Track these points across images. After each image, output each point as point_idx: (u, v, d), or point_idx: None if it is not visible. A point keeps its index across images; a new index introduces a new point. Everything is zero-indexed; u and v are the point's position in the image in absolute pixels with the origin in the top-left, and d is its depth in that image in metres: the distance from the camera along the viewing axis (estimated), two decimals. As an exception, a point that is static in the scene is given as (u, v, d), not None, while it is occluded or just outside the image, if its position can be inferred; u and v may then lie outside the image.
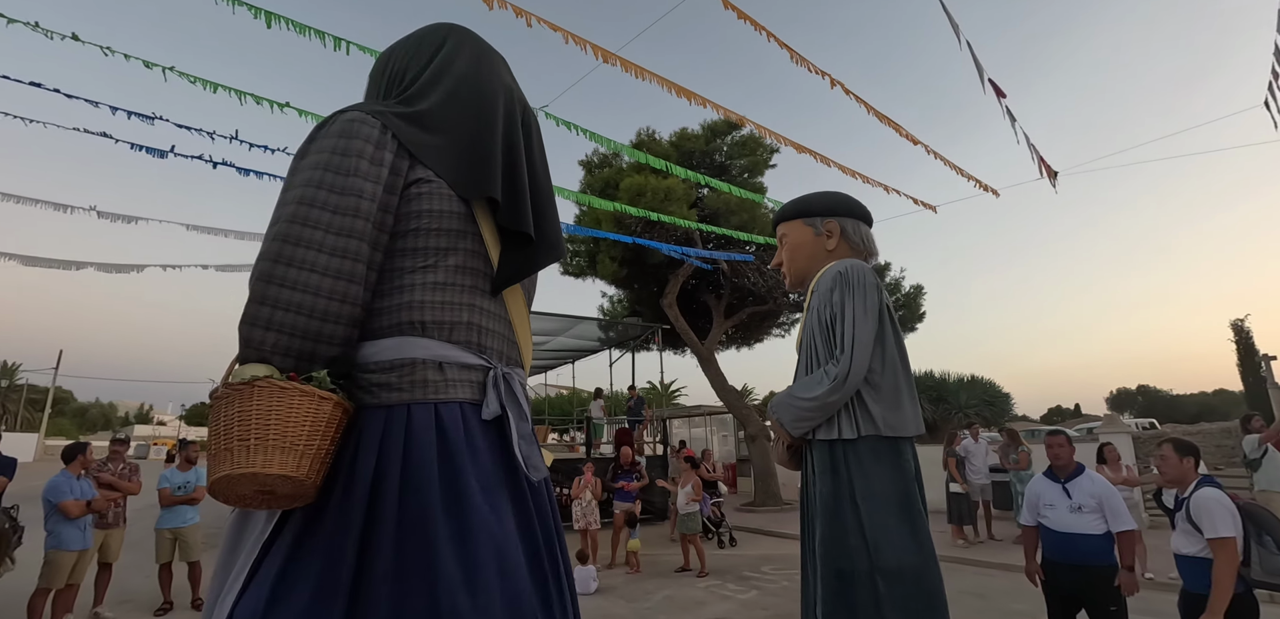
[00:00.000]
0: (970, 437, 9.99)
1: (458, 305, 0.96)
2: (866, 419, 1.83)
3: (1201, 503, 2.88)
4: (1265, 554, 2.73)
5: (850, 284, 1.92)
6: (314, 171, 0.86)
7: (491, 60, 1.15)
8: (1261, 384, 20.03)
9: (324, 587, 0.77)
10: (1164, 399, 50.87)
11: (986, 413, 19.59)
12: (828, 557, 1.79)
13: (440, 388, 0.91)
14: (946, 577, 1.88)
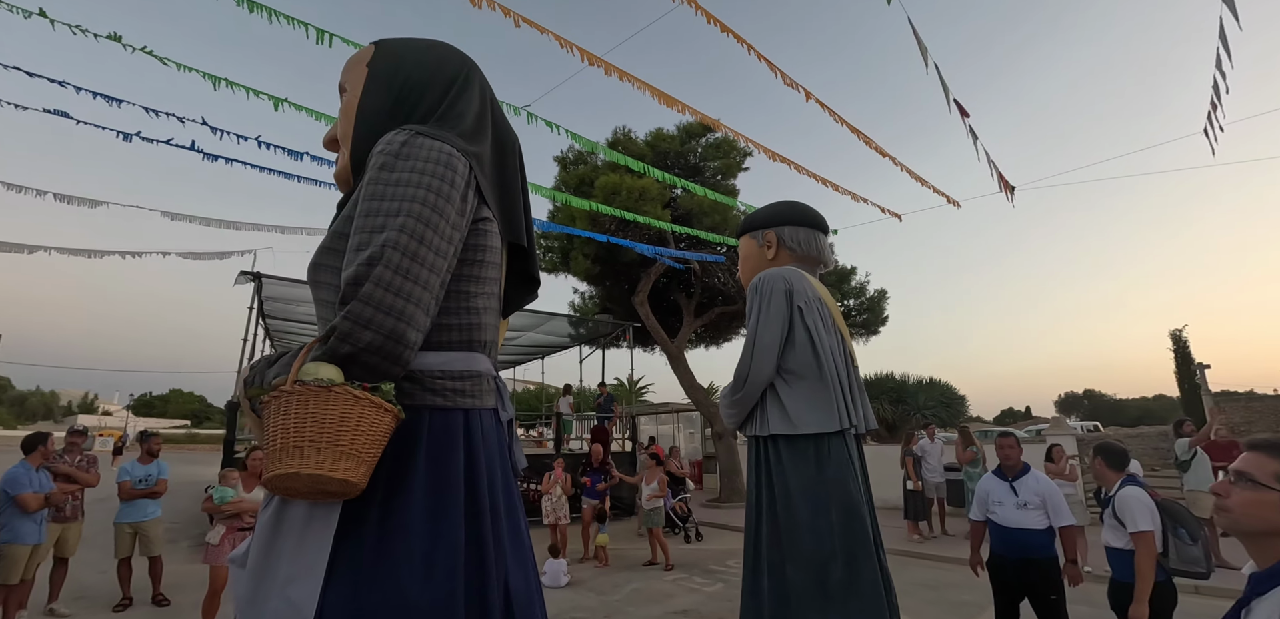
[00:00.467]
0: (927, 437, 10.40)
1: (491, 326, 1.12)
2: (781, 417, 1.96)
3: (1123, 500, 3.19)
4: (1180, 545, 3.05)
5: (758, 292, 2.09)
6: (423, 196, 0.93)
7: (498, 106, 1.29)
8: (1196, 390, 21.24)
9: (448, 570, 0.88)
10: (1108, 403, 53.46)
11: (943, 414, 20.32)
12: (749, 544, 1.96)
13: (488, 397, 1.08)
14: (901, 570, 2.08)
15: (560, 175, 15.18)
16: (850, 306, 17.59)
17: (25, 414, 58.62)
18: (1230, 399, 21.25)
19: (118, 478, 5.62)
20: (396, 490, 0.91)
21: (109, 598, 5.64)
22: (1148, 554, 3.04)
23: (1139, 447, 17.26)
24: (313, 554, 0.85)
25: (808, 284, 2.12)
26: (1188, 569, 3.06)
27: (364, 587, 0.85)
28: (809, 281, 2.14)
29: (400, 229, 0.90)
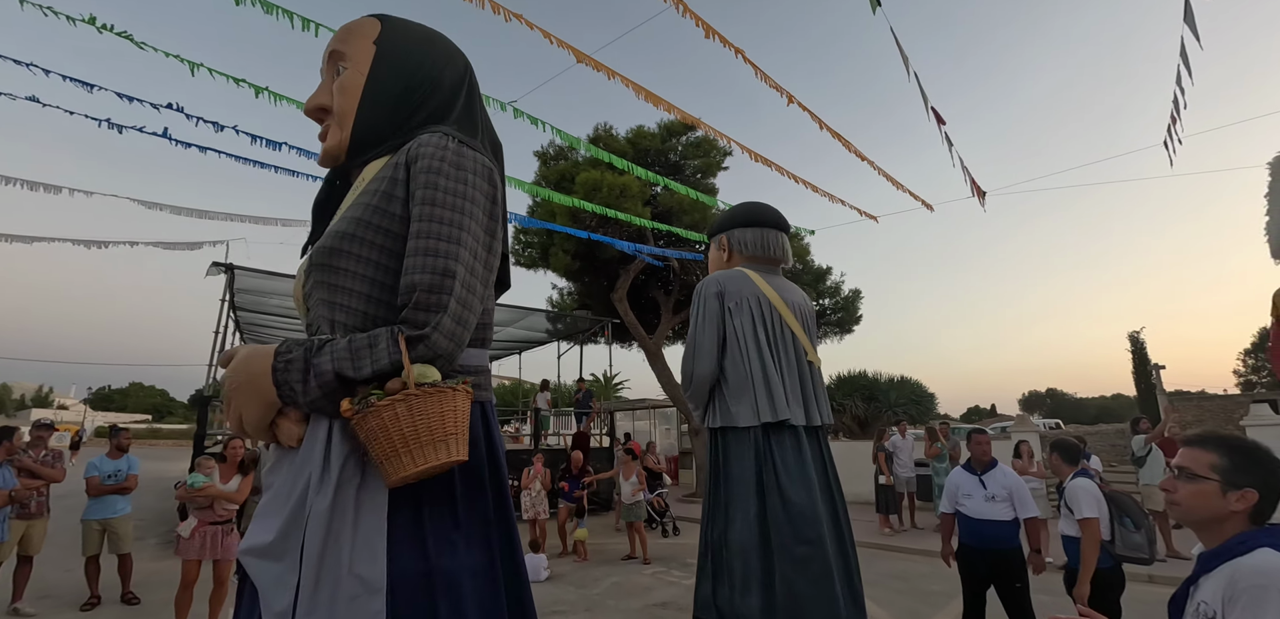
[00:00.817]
0: (898, 433, 10.68)
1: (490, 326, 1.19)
2: (722, 412, 2.15)
3: (1072, 490, 3.45)
4: (1125, 532, 3.30)
5: (696, 297, 2.26)
6: (480, 214, 1.05)
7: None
8: (1152, 390, 22.11)
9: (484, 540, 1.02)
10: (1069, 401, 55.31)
11: (914, 411, 20.81)
12: (702, 525, 2.17)
13: (490, 389, 1.17)
14: (873, 562, 2.26)
15: (541, 170, 15.13)
16: (825, 306, 17.89)
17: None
18: (1183, 399, 22.21)
19: (86, 473, 5.47)
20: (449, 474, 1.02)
21: (75, 597, 5.50)
22: (1091, 539, 3.29)
23: (1098, 443, 17.93)
24: (372, 535, 0.92)
25: (748, 284, 2.22)
26: (1131, 555, 3.31)
27: (423, 557, 0.95)
28: (751, 281, 2.23)
29: (470, 248, 1.01)
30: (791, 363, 2.17)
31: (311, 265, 1.04)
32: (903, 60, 3.90)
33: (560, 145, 14.69)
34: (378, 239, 1.02)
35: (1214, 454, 1.38)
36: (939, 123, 4.86)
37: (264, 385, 0.95)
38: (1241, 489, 1.32)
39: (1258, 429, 9.74)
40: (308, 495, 0.92)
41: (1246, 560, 1.25)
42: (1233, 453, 1.37)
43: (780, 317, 2.21)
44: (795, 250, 15.93)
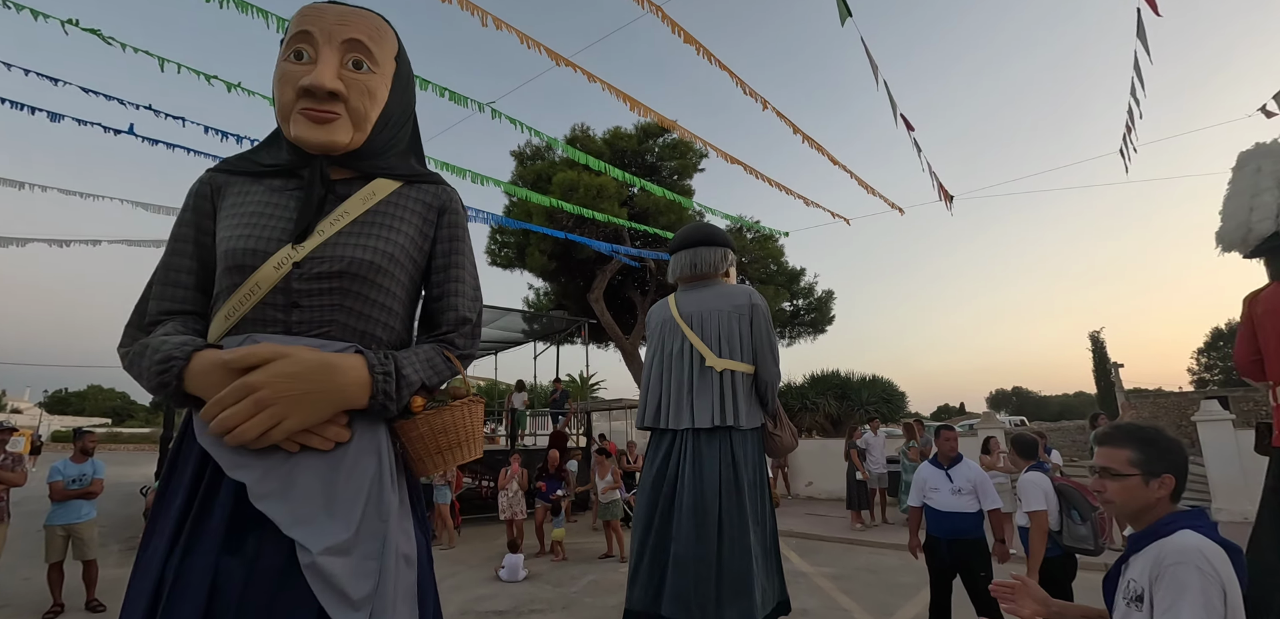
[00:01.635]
0: (871, 431, 10.92)
1: None
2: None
3: (1022, 484, 3.67)
4: (1071, 524, 3.50)
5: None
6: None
7: None
8: (1111, 388, 22.95)
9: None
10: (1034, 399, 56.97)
11: (884, 409, 21.20)
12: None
13: None
14: (845, 556, 2.49)
15: (517, 170, 15.09)
16: (799, 307, 18.15)
17: (-81, 412, 53.47)
18: (1141, 396, 23.13)
19: (49, 478, 5.31)
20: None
21: (37, 605, 5.32)
22: (1038, 530, 3.50)
23: (1060, 439, 18.56)
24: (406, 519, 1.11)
25: (661, 309, 2.68)
26: (1077, 546, 3.51)
27: (423, 536, 1.16)
28: (665, 306, 2.67)
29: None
30: (679, 374, 2.49)
31: (336, 273, 1.05)
32: (872, 69, 4.03)
33: (537, 145, 14.68)
34: (411, 270, 1.18)
35: (1129, 449, 1.47)
36: (908, 128, 5.02)
37: (351, 394, 0.99)
38: (1160, 476, 1.44)
39: (1208, 423, 10.20)
40: (379, 492, 1.02)
41: (1170, 541, 1.36)
42: (1146, 445, 1.47)
43: (680, 332, 2.54)
44: (769, 252, 16.15)
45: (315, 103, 1.08)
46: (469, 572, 7.05)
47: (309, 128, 1.08)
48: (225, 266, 1.06)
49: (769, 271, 16.92)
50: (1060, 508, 3.54)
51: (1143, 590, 1.35)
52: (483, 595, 6.04)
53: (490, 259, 16.10)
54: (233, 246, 1.05)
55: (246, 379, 0.93)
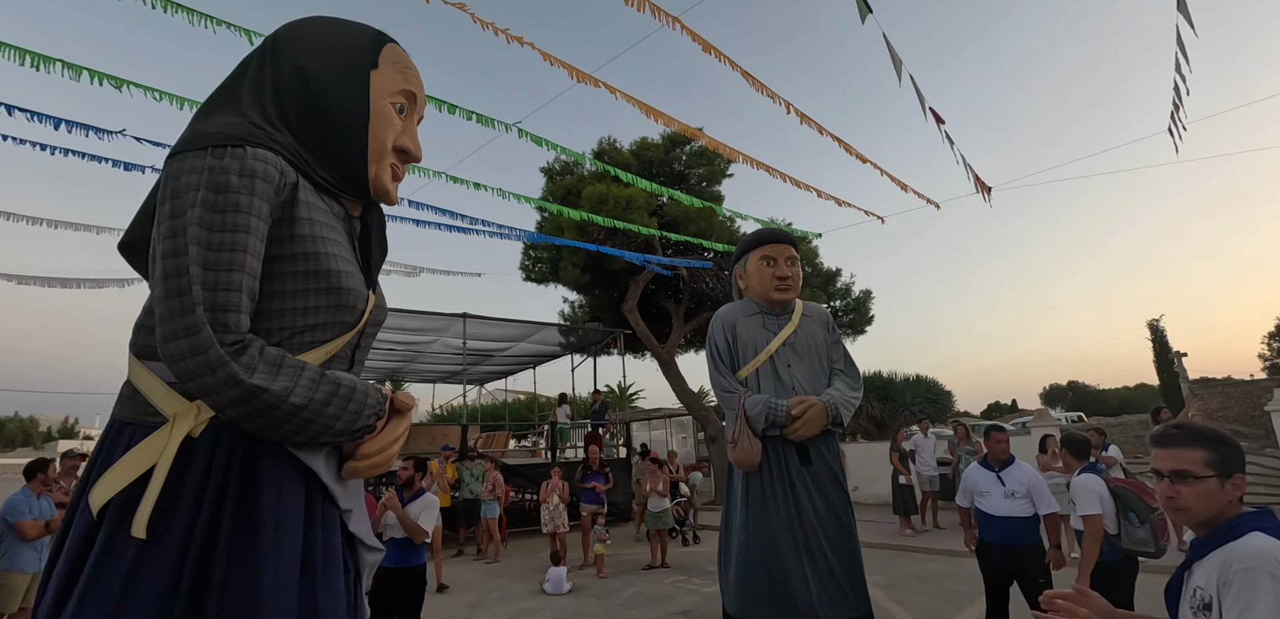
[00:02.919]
0: (920, 432, 10.61)
1: None
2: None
3: (1075, 487, 3.50)
4: (1129, 528, 3.32)
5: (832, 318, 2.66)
6: None
7: None
8: (1175, 379, 21.75)
9: None
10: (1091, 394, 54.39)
11: (930, 410, 20.62)
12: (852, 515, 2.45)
13: None
14: (893, 564, 2.54)
15: (547, 186, 15.30)
16: (836, 308, 17.84)
17: (4, 440, 57.35)
18: (1208, 386, 21.81)
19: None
20: None
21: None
22: (1092, 535, 3.34)
23: (1121, 435, 17.67)
24: None
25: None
26: (1136, 549, 3.32)
27: None
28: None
29: None
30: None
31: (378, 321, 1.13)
32: (894, 65, 3.96)
33: (566, 161, 14.85)
34: None
35: (1202, 449, 1.39)
36: (938, 122, 4.90)
37: None
38: (1233, 476, 1.36)
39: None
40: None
41: (1238, 545, 1.28)
42: (1218, 443, 1.39)
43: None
44: (803, 254, 15.94)
45: (401, 163, 1.11)
46: (514, 585, 7.13)
47: (392, 187, 1.11)
48: (335, 299, 0.98)
49: (804, 274, 16.69)
50: (1116, 510, 3.38)
51: (1211, 598, 1.28)
52: (527, 609, 6.10)
53: (524, 274, 16.34)
54: (347, 285, 1.00)
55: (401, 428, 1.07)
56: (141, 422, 0.90)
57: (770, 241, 2.58)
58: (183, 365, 0.83)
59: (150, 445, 0.86)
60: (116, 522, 0.83)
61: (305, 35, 1.07)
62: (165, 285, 0.84)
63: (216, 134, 0.92)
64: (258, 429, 0.88)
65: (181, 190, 0.87)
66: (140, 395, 0.91)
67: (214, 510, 0.86)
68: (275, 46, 1.06)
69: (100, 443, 0.92)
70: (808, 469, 2.38)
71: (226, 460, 0.88)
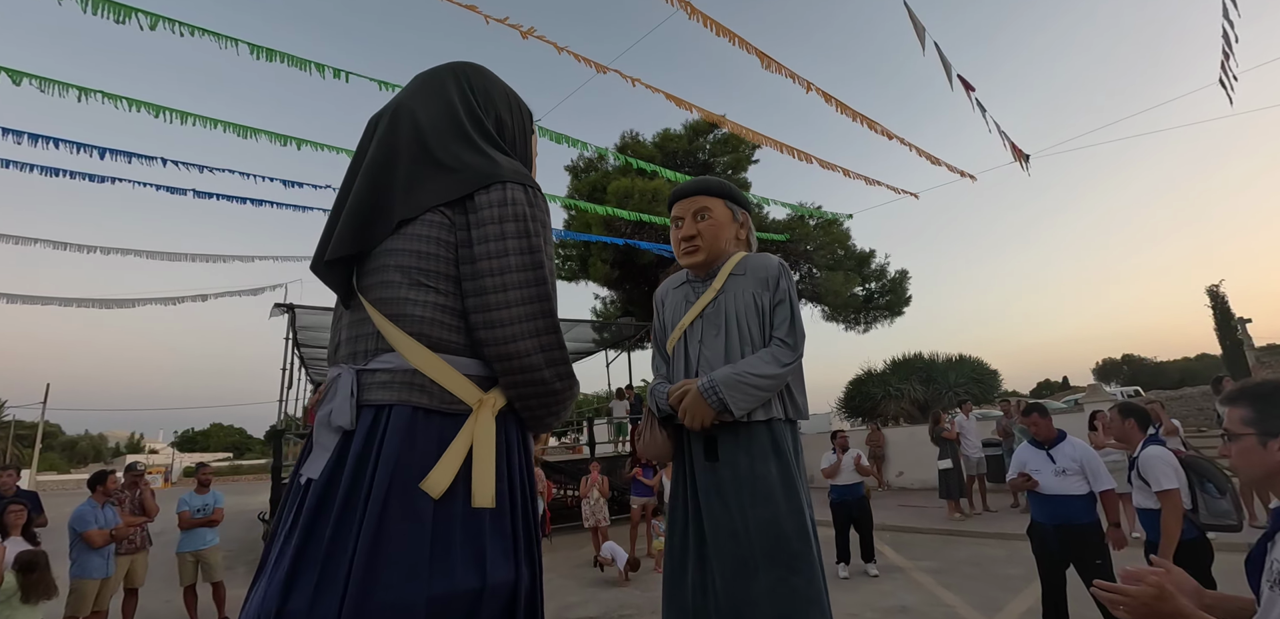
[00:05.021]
0: (962, 414, 10.29)
1: (332, 334, 1.18)
2: (793, 405, 1.91)
3: (1146, 461, 3.20)
4: (1208, 499, 3.05)
5: (787, 274, 2.01)
6: None
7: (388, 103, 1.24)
8: (1239, 346, 20.60)
9: None
10: (1148, 367, 51.91)
11: (975, 390, 19.99)
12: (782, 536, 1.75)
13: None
14: (944, 549, 2.12)
15: (572, 184, 15.38)
16: (872, 290, 17.45)
17: (76, 458, 60.88)
18: (1276, 353, 20.55)
19: (177, 509, 5.90)
20: None
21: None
22: (1174, 512, 3.05)
23: (1183, 408, 16.81)
24: None
25: None
26: (1218, 523, 3.06)
27: None
28: None
29: None
30: None
31: None
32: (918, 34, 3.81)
33: (589, 156, 14.89)
34: None
35: (1243, 408, 1.34)
36: (967, 89, 4.71)
37: None
38: (1278, 436, 1.26)
39: (1365, 378, 8.96)
40: None
41: None
42: (1260, 402, 1.32)
43: None
44: (835, 237, 15.64)
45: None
46: (560, 579, 7.20)
47: None
48: None
49: (836, 256, 16.36)
50: (1192, 483, 3.13)
51: None
52: (573, 603, 6.14)
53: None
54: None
55: None
56: (445, 409, 1.03)
57: (673, 201, 2.18)
58: (543, 369, 1.07)
59: (466, 431, 1.02)
60: (460, 498, 1.00)
61: (498, 90, 1.27)
62: (538, 307, 1.06)
63: (527, 175, 1.15)
64: (539, 415, 1.12)
65: (523, 218, 1.08)
66: (438, 386, 1.03)
67: (510, 473, 1.06)
68: (487, 95, 1.25)
69: (389, 429, 0.99)
70: (713, 467, 1.85)
71: (505, 437, 1.07)
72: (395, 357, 1.03)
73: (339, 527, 0.93)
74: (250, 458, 64.62)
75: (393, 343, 1.04)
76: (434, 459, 0.98)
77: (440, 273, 1.06)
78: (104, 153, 5.76)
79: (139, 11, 4.42)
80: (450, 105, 1.18)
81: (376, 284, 1.07)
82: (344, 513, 0.94)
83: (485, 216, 1.06)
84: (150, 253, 8.37)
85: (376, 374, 1.03)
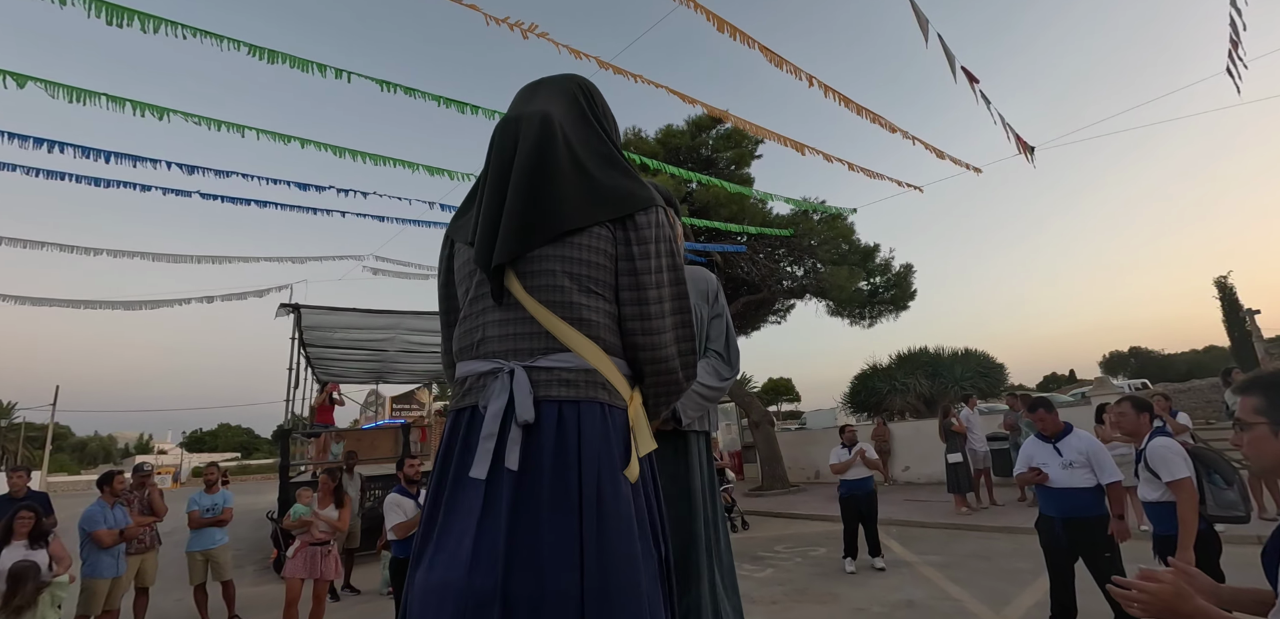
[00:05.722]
0: (967, 408, 10.27)
1: (471, 329, 1.21)
2: (712, 419, 1.98)
3: (1156, 451, 3.16)
4: (1216, 490, 3.02)
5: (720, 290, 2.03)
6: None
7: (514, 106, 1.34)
8: (1247, 338, 20.43)
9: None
10: (1156, 359, 51.53)
11: (981, 384, 19.90)
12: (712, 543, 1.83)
13: (458, 398, 1.19)
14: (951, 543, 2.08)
15: (577, 182, 15.36)
16: (877, 284, 17.38)
17: (86, 459, 61.30)
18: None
19: (187, 508, 5.95)
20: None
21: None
22: (1189, 502, 3.01)
23: (1190, 401, 16.70)
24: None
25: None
26: (1225, 513, 3.03)
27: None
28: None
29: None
30: None
31: None
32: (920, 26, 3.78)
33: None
34: None
35: (1255, 397, 1.33)
36: (971, 81, 4.68)
37: None
38: None
39: (1376, 368, 8.88)
40: None
41: None
42: (1272, 391, 1.31)
43: None
44: (839, 232, 15.58)
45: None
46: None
47: None
48: None
49: (840, 251, 16.31)
50: (1199, 474, 3.10)
51: None
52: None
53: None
54: None
55: None
56: (617, 405, 1.15)
57: None
58: (683, 372, 1.23)
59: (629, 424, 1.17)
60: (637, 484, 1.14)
61: (611, 112, 1.39)
62: (681, 316, 1.22)
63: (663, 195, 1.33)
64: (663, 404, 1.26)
65: (668, 238, 1.23)
66: (612, 385, 1.15)
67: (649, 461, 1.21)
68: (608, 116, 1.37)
69: (585, 424, 1.09)
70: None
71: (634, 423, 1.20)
72: (571, 356, 1.12)
73: (555, 514, 1.01)
74: (258, 458, 64.94)
75: (569, 344, 1.12)
76: (622, 449, 1.11)
77: (605, 282, 1.17)
78: (109, 156, 5.79)
79: (138, 13, 4.44)
80: (589, 124, 1.29)
81: (543, 287, 1.14)
82: (557, 501, 1.02)
83: (645, 237, 1.18)
84: (156, 255, 8.41)
85: (554, 372, 1.11)
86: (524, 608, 0.96)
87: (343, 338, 11.75)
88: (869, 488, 6.62)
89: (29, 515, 4.52)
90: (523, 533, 1.00)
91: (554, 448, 1.05)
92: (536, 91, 1.33)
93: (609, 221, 1.17)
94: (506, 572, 0.97)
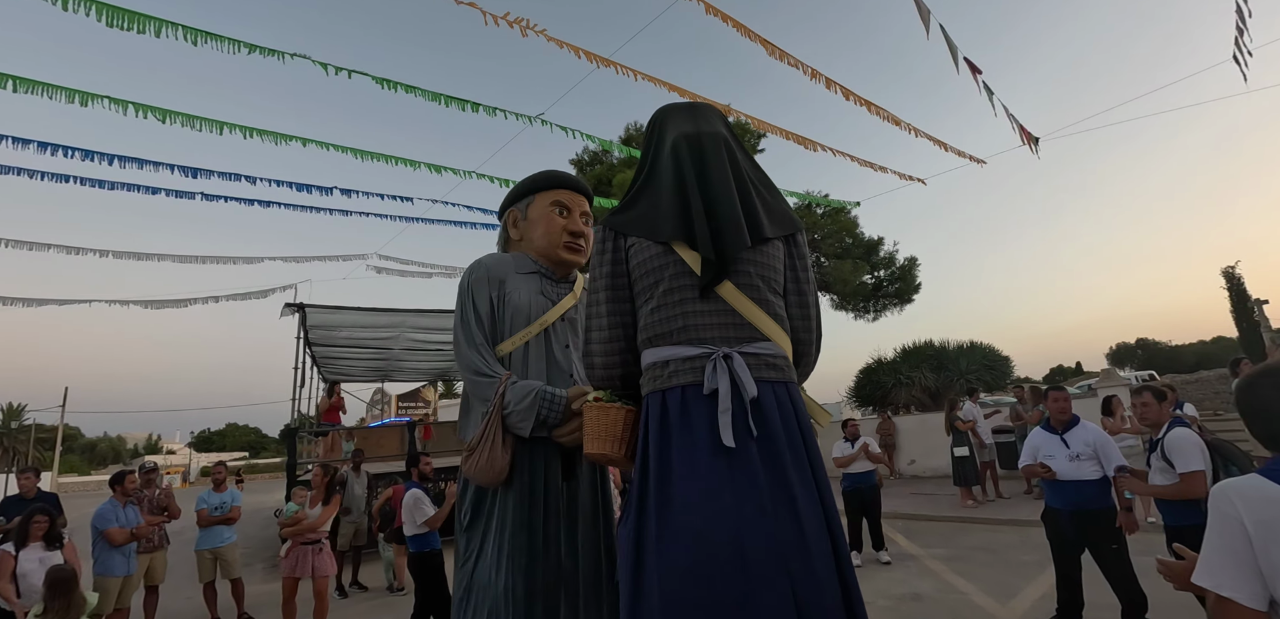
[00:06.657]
0: (971, 402, 10.24)
1: (670, 317, 1.33)
2: None
3: (1174, 441, 3.16)
4: None
5: None
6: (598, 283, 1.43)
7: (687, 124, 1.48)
8: (1255, 329, 20.29)
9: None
10: (1163, 351, 51.23)
11: (987, 377, 19.81)
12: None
13: (661, 380, 1.31)
14: (957, 536, 2.11)
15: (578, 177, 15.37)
16: (881, 278, 17.33)
17: (96, 459, 61.76)
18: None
19: (196, 507, 6.00)
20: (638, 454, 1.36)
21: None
22: (1192, 494, 3.03)
23: (1198, 393, 16.59)
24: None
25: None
26: None
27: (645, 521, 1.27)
28: None
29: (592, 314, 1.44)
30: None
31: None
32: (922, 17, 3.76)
33: (594, 149, 14.87)
34: None
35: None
36: (974, 72, 4.65)
37: None
38: None
39: (1386, 357, 8.81)
40: None
41: None
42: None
43: None
44: (842, 225, 15.54)
45: None
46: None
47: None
48: None
49: (844, 245, 16.28)
50: (1216, 465, 3.08)
51: None
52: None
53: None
54: None
55: None
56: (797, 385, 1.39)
57: (565, 186, 1.92)
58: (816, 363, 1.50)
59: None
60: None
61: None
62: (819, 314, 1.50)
63: None
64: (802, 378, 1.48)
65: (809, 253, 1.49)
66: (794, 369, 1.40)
67: None
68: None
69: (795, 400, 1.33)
70: (568, 486, 1.70)
71: None
72: (770, 345, 1.32)
73: (799, 472, 1.23)
74: (266, 457, 65.27)
75: (769, 334, 1.33)
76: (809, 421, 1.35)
77: (782, 285, 1.41)
78: (112, 159, 5.84)
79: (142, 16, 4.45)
80: (746, 153, 1.52)
81: (747, 285, 1.34)
82: (797, 462, 1.24)
83: (804, 253, 1.47)
84: (161, 256, 8.48)
85: (761, 357, 1.30)
86: (792, 549, 1.15)
87: (348, 337, 11.80)
88: (872, 482, 6.62)
89: (44, 518, 4.54)
90: (777, 487, 1.19)
91: (780, 419, 1.25)
92: (696, 114, 1.51)
93: (783, 237, 1.42)
94: (777, 520, 1.16)
